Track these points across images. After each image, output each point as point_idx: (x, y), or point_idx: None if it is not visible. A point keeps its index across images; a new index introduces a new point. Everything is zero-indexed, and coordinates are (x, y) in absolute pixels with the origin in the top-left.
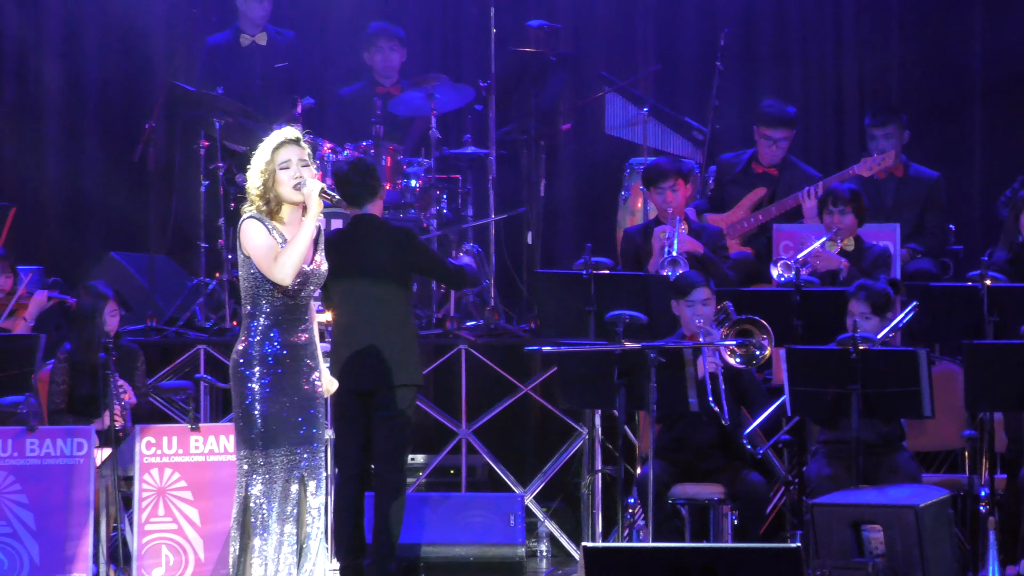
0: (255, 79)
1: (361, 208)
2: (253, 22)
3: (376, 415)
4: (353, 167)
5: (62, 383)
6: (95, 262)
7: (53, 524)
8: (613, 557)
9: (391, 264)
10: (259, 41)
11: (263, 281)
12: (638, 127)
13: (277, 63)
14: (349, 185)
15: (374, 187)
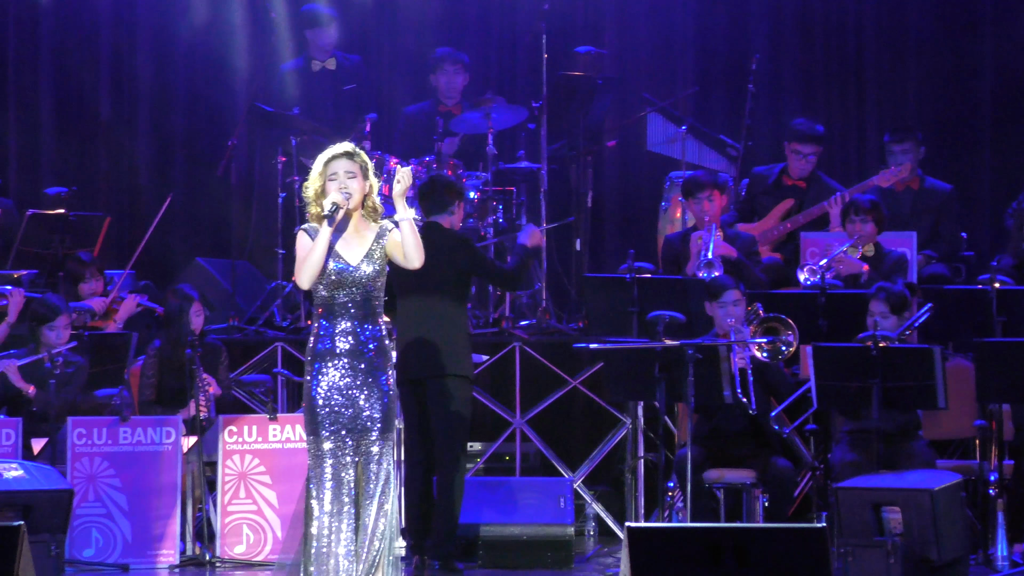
0: (326, 100)
1: (430, 218)
2: (322, 49)
3: (432, 405)
4: (431, 182)
5: (152, 377)
6: (182, 267)
7: (144, 506)
8: (654, 536)
9: (447, 268)
10: (328, 66)
11: (315, 284)
12: (677, 144)
13: (345, 85)
14: (425, 197)
15: (445, 202)
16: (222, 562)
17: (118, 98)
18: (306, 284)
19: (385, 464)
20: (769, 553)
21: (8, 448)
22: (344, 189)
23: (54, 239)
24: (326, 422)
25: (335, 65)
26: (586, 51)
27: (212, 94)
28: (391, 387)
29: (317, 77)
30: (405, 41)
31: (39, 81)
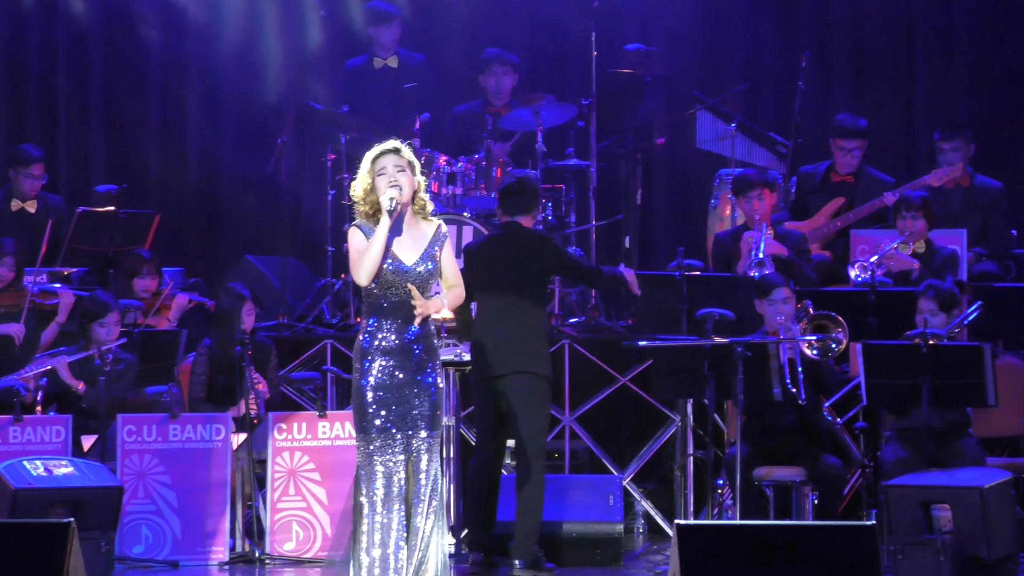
0: (385, 98)
1: (512, 217)
2: (384, 46)
3: (511, 404)
4: (517, 182)
5: (202, 375)
6: (232, 264)
7: (194, 503)
8: (703, 534)
9: (527, 266)
10: (391, 64)
11: None
12: (726, 141)
13: (407, 84)
14: (508, 196)
15: (527, 204)
16: (272, 559)
17: (167, 95)
18: (365, 280)
19: (434, 461)
20: (819, 551)
21: (58, 445)
22: (394, 183)
23: (104, 236)
24: (375, 419)
25: (397, 63)
26: (635, 48)
27: (262, 91)
28: (439, 384)
29: (379, 74)
30: (454, 40)
31: (89, 78)
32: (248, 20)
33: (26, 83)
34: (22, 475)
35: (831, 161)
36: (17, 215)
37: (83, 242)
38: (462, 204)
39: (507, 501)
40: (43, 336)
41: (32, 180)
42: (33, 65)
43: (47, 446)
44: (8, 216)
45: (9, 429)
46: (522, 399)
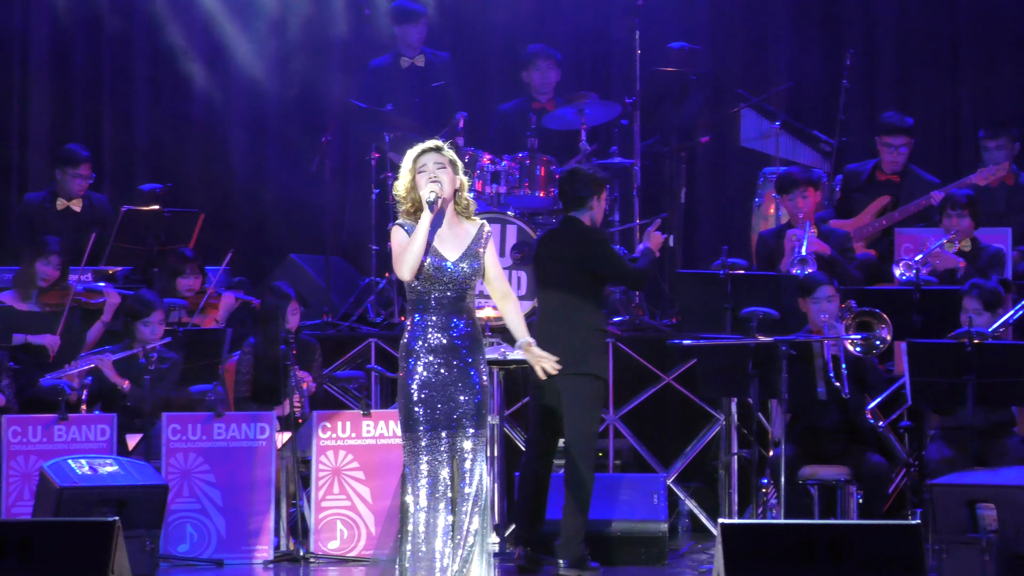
0: (414, 97)
1: (569, 211)
2: (410, 45)
3: (563, 403)
4: (568, 175)
5: (247, 374)
6: (276, 263)
7: (238, 501)
8: (748, 533)
9: (579, 263)
10: (417, 63)
11: (410, 280)
12: (770, 139)
13: (434, 82)
14: (560, 192)
15: (581, 197)
16: (316, 558)
17: (212, 94)
18: (407, 275)
19: (479, 459)
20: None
21: (103, 444)
22: (434, 179)
23: (148, 235)
24: (420, 418)
25: (424, 62)
26: (680, 47)
27: (305, 90)
28: (484, 383)
29: (406, 74)
30: (497, 38)
31: (133, 77)
32: (293, 18)
33: (71, 83)
34: (67, 474)
35: (877, 159)
36: (63, 214)
37: (128, 241)
38: (506, 203)
39: (556, 500)
40: (88, 335)
41: (80, 180)
42: (78, 65)
43: (92, 445)
44: (54, 215)
45: (54, 428)
46: (571, 399)
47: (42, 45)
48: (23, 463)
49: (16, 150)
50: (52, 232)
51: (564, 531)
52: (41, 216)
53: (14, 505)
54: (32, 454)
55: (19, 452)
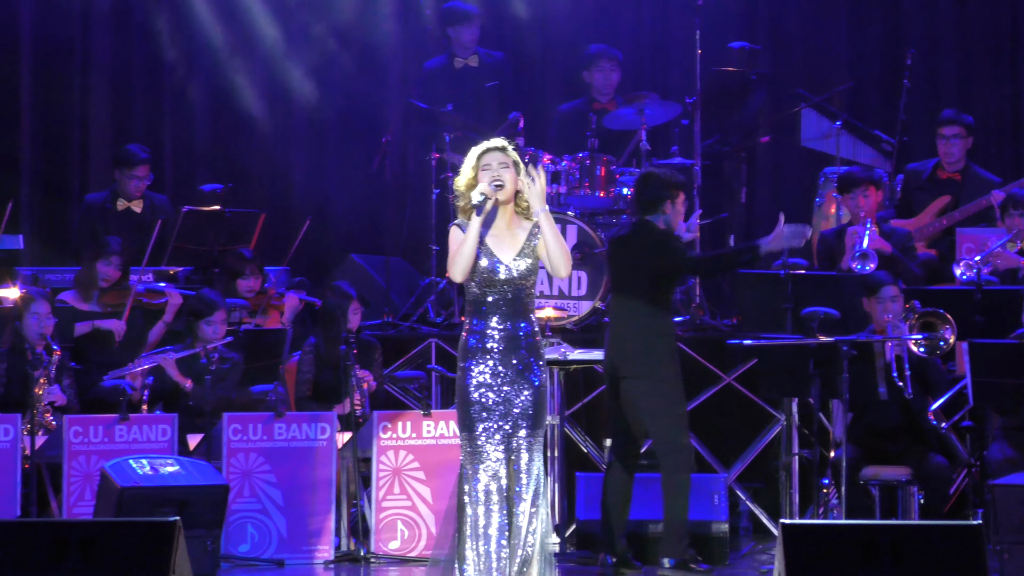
0: (469, 97)
1: (643, 215)
2: (464, 46)
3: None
4: (642, 178)
5: (308, 373)
6: (337, 263)
7: (299, 501)
8: (809, 533)
9: (649, 268)
10: (471, 63)
11: (467, 281)
12: (831, 139)
13: (488, 82)
14: (636, 195)
15: (655, 201)
16: (377, 558)
17: (272, 93)
18: (458, 277)
19: (537, 459)
20: (925, 551)
21: (164, 444)
22: (497, 178)
23: (209, 235)
24: (478, 418)
25: (478, 62)
26: (740, 47)
27: (366, 90)
28: (542, 383)
29: (460, 74)
30: (558, 38)
31: (193, 77)
32: (354, 17)
33: (131, 83)
34: (128, 474)
35: (938, 159)
36: (124, 215)
37: (188, 241)
38: (566, 203)
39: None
40: (150, 335)
41: (137, 181)
42: (138, 65)
43: (153, 445)
44: (114, 216)
45: (116, 428)
46: (651, 407)
47: (103, 45)
48: (84, 463)
49: (76, 151)
50: (113, 233)
51: (666, 531)
52: (102, 217)
53: (75, 505)
54: (93, 454)
55: (80, 452)
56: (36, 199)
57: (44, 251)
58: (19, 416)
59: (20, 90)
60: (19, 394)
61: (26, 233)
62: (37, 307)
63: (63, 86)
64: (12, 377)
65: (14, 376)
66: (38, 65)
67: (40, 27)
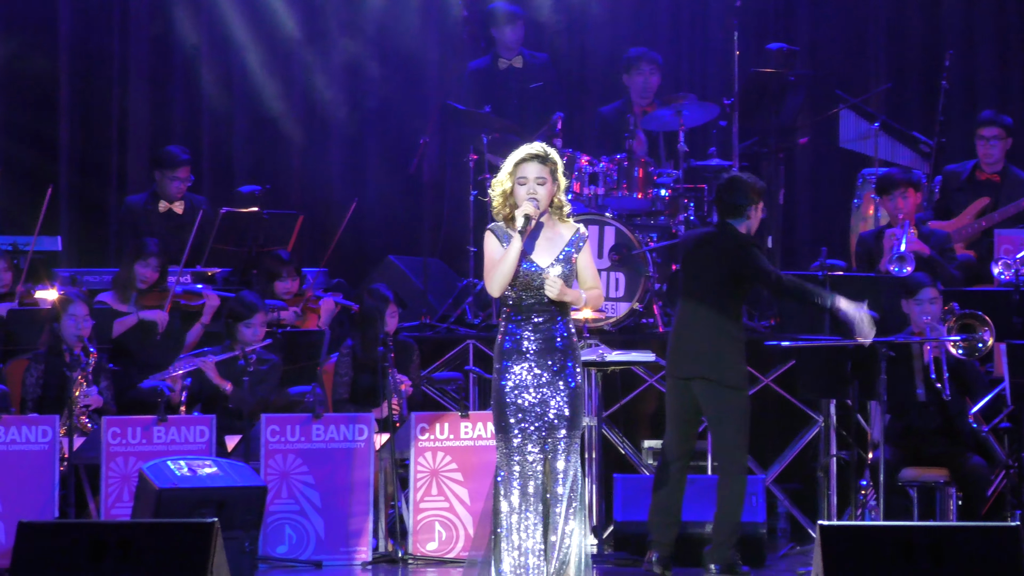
0: (512, 98)
1: (725, 218)
2: (508, 47)
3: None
4: (728, 183)
5: (345, 375)
6: (374, 264)
7: (337, 503)
8: (847, 534)
9: (724, 272)
10: (515, 64)
11: None
12: (869, 140)
13: (532, 84)
14: (717, 198)
15: (739, 206)
16: (414, 559)
17: (310, 95)
18: (496, 293)
19: (573, 461)
20: (962, 552)
21: (202, 445)
22: (532, 195)
23: (247, 237)
24: (514, 420)
25: (522, 63)
26: (778, 48)
27: (404, 92)
28: (578, 385)
29: (503, 75)
30: (596, 39)
31: (231, 78)
32: (391, 18)
33: (170, 84)
34: (166, 475)
35: (977, 160)
36: (165, 216)
37: (226, 243)
38: (604, 204)
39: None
40: (188, 337)
41: (178, 183)
42: (177, 66)
43: (191, 446)
44: (156, 217)
45: (153, 429)
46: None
47: (141, 46)
48: (122, 464)
49: (115, 152)
50: (154, 234)
51: (715, 536)
52: (144, 218)
53: (113, 506)
54: (131, 455)
55: (118, 453)
56: (74, 200)
57: (82, 252)
58: (57, 418)
59: (58, 92)
60: (57, 396)
61: (64, 234)
62: (75, 309)
63: (101, 88)
64: (50, 379)
65: (52, 378)
66: (76, 67)
67: (78, 29)
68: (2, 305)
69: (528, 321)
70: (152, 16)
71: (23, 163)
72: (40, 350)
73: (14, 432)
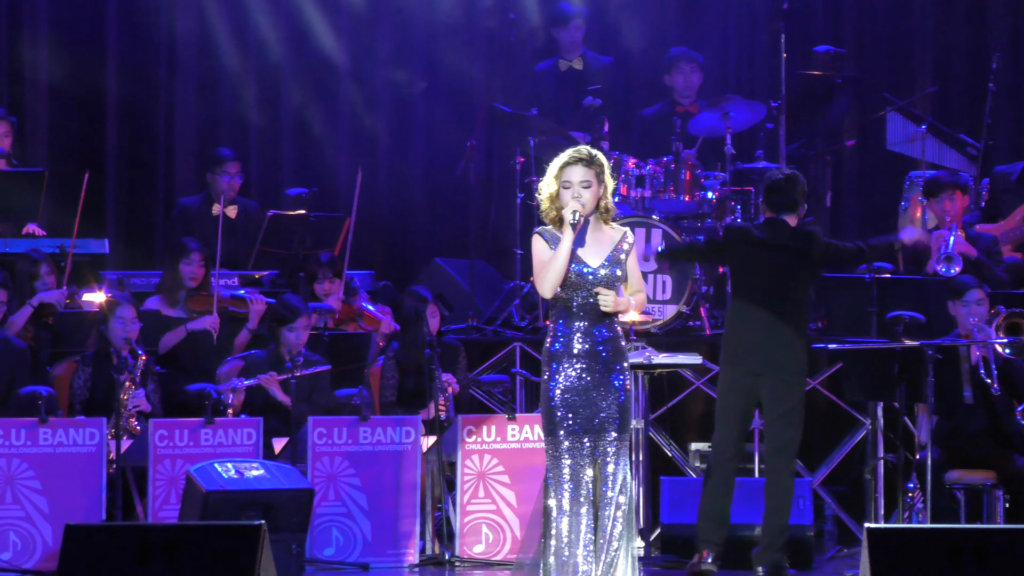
0: (569, 101)
1: (778, 215)
2: (566, 48)
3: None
4: (786, 179)
5: (392, 378)
6: (421, 267)
7: (384, 505)
8: (894, 537)
9: (794, 264)
10: (576, 66)
11: None
12: (916, 143)
13: (591, 86)
14: (773, 193)
15: (795, 202)
16: (461, 561)
17: (358, 98)
18: (548, 293)
19: (622, 463)
20: (1010, 554)
21: (249, 447)
22: (577, 198)
23: (295, 240)
24: (563, 422)
25: (582, 65)
26: (825, 50)
27: (450, 94)
28: (627, 387)
29: (564, 77)
30: (643, 42)
31: (280, 83)
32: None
33: (218, 89)
34: (213, 478)
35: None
36: (217, 219)
37: (273, 245)
38: (651, 207)
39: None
40: (236, 341)
41: (228, 178)
42: (224, 71)
43: (238, 449)
44: (210, 220)
45: (201, 432)
46: (779, 404)
47: (189, 50)
48: (169, 467)
49: (162, 155)
50: (205, 236)
51: (764, 538)
52: (197, 221)
53: (160, 509)
54: (178, 458)
55: (165, 456)
56: (121, 203)
57: (129, 255)
58: (104, 420)
59: (106, 94)
60: (104, 399)
61: (111, 237)
62: (122, 311)
63: (149, 90)
64: (97, 382)
65: (99, 381)
66: (124, 69)
67: (126, 31)
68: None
69: (577, 323)
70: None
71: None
72: (88, 352)
73: (61, 434)
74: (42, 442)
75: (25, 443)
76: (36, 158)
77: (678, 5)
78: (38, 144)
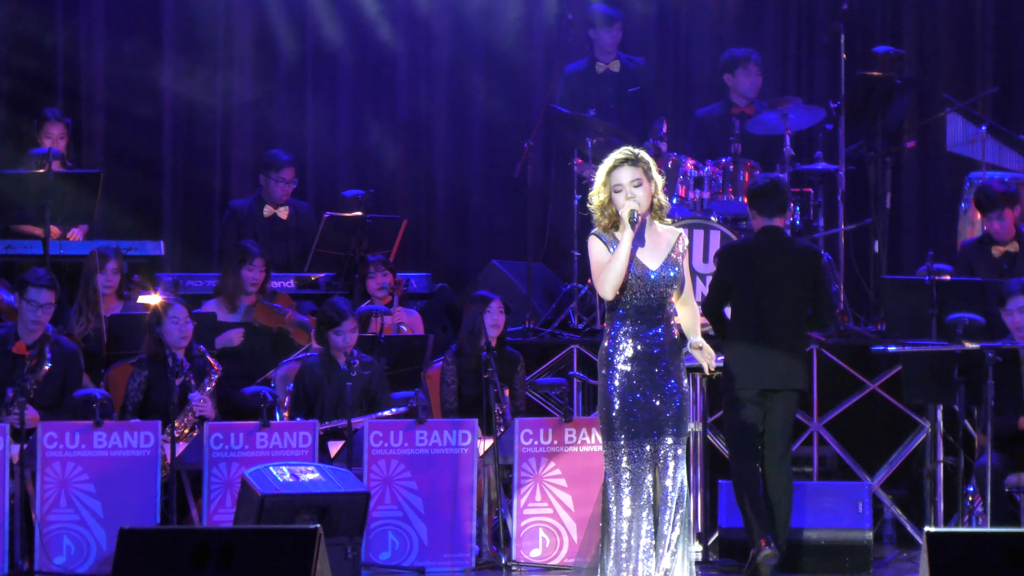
0: (609, 103)
1: (770, 220)
2: (604, 50)
3: (769, 417)
4: (771, 183)
5: (452, 383)
6: (478, 269)
7: (440, 509)
8: (954, 541)
9: (796, 275)
10: (612, 68)
11: None
12: (976, 144)
13: (629, 88)
14: (761, 197)
15: (782, 204)
16: (518, 566)
17: (415, 99)
18: (610, 295)
19: (681, 467)
20: None
21: (305, 450)
22: (632, 198)
23: (351, 241)
24: (621, 426)
25: (619, 67)
26: (885, 51)
27: (508, 95)
28: (685, 390)
29: (601, 79)
30: (702, 42)
31: (336, 82)
32: (493, 23)
33: (274, 90)
34: (269, 481)
35: None
36: (270, 221)
37: (330, 247)
38: (709, 208)
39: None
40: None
41: (283, 184)
42: (281, 72)
43: (294, 452)
44: (261, 222)
45: (256, 435)
46: (782, 415)
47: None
48: (224, 470)
49: (218, 157)
50: (257, 238)
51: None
52: (249, 223)
53: (215, 512)
54: (234, 461)
55: (220, 459)
56: (177, 205)
57: (184, 257)
58: (158, 423)
59: (162, 95)
60: (159, 401)
61: (167, 239)
62: (175, 312)
63: (205, 91)
64: (152, 384)
65: (154, 383)
66: (180, 70)
67: (183, 31)
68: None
69: (634, 325)
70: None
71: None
72: (143, 355)
73: (116, 438)
74: (96, 446)
75: (80, 446)
76: (91, 160)
77: (737, 6)
78: (93, 146)
